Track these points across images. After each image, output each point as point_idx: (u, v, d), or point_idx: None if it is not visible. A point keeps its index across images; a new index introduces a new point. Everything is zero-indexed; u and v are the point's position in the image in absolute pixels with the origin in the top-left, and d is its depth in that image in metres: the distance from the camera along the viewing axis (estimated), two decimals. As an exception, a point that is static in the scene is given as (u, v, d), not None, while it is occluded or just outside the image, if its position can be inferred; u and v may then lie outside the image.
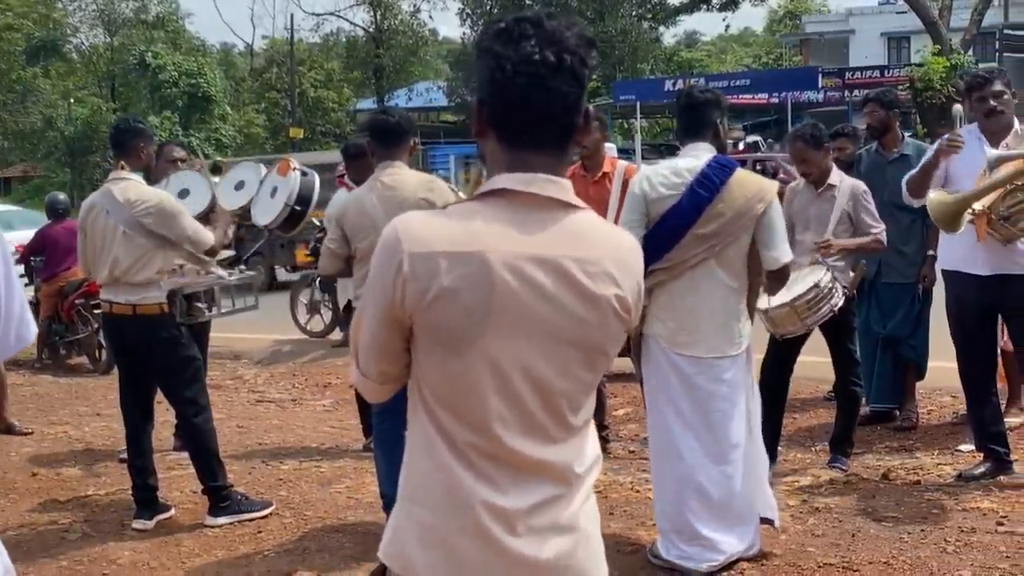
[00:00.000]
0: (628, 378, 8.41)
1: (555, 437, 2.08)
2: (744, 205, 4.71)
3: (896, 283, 6.99)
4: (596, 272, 2.05)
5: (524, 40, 1.99)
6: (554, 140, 2.06)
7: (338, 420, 8.46)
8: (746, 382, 4.93)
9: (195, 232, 5.79)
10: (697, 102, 4.91)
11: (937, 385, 7.63)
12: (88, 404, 9.27)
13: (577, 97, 2.03)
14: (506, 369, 2.02)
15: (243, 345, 11.57)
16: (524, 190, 2.03)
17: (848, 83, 37.94)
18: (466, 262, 1.99)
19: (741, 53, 70.74)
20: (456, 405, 2.05)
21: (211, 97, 48.99)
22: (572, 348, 2.05)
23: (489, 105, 2.06)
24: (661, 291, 4.82)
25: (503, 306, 2.00)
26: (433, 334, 2.04)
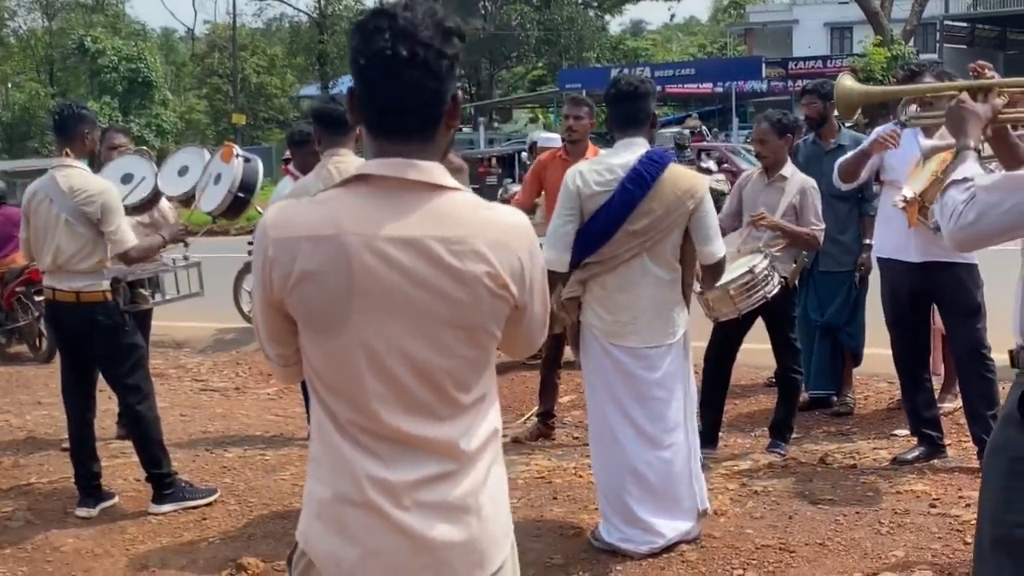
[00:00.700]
0: (572, 366, 8.48)
1: (439, 415, 2.13)
2: (675, 202, 4.77)
3: (833, 272, 7.12)
4: (462, 251, 2.08)
5: (378, 34, 2.04)
6: (415, 129, 2.11)
7: (282, 408, 8.45)
8: (683, 370, 5.00)
9: (119, 232, 5.70)
10: (637, 93, 4.86)
11: (874, 371, 7.78)
12: (29, 393, 9.18)
13: (435, 88, 2.08)
14: (377, 349, 2.08)
15: (185, 333, 11.49)
16: (385, 174, 2.09)
17: (791, 73, 38.43)
18: (324, 246, 2.06)
19: (686, 42, 71.17)
20: (335, 385, 2.13)
21: (151, 82, 48.41)
22: (447, 326, 2.10)
23: (356, 96, 2.13)
24: (595, 284, 4.89)
25: (365, 288, 2.06)
26: (303, 317, 2.12)
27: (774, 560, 4.81)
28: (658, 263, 4.83)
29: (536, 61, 57.59)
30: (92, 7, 53.59)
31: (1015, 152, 3.34)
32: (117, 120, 41.15)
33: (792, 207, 6.30)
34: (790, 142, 6.47)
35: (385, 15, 2.06)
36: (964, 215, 2.85)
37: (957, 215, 2.87)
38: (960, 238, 2.91)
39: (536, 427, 7.22)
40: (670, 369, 4.91)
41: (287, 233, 2.09)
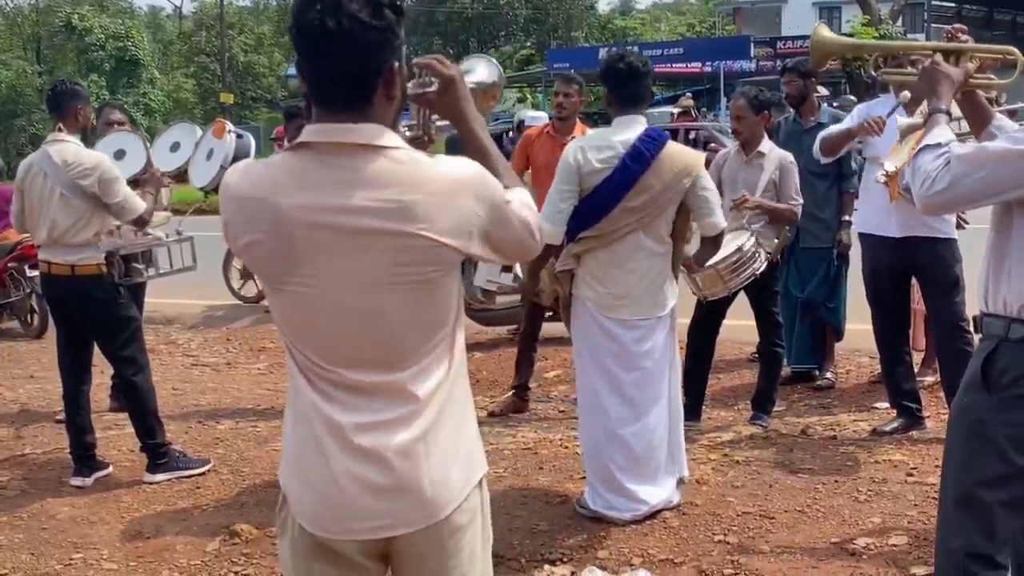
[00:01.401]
0: (559, 342, 8.60)
1: (389, 364, 2.23)
2: (673, 179, 4.88)
3: (813, 248, 7.22)
4: (396, 208, 2.14)
5: (311, 5, 2.12)
6: (348, 99, 2.18)
7: (273, 383, 8.54)
8: (670, 342, 5.13)
9: (127, 199, 5.80)
10: (639, 72, 4.95)
11: (855, 346, 7.89)
12: (21, 367, 9.27)
13: (363, 60, 2.15)
14: (324, 304, 2.20)
15: (176, 310, 11.56)
16: (320, 140, 2.18)
17: (780, 52, 38.40)
18: (264, 207, 2.18)
19: (675, 21, 71.00)
20: (290, 334, 2.27)
21: (139, 61, 48.23)
22: (387, 282, 2.18)
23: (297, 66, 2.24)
24: (590, 258, 4.99)
25: (306, 249, 2.17)
26: (258, 276, 2.31)
27: (754, 527, 4.94)
28: (652, 238, 4.95)
29: (524, 40, 57.57)
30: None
31: (983, 115, 3.44)
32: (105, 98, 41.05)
33: (772, 183, 6.41)
34: (767, 119, 6.57)
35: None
36: (937, 181, 2.95)
37: (931, 180, 2.96)
38: (932, 203, 3.01)
39: (511, 400, 7.31)
40: (658, 341, 5.03)
41: (237, 193, 2.23)
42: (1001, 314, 2.99)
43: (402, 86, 2.27)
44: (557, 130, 7.28)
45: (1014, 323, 2.95)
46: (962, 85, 3.31)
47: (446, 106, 2.44)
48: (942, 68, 3.29)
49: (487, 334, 9.44)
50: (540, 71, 39.17)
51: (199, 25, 56.83)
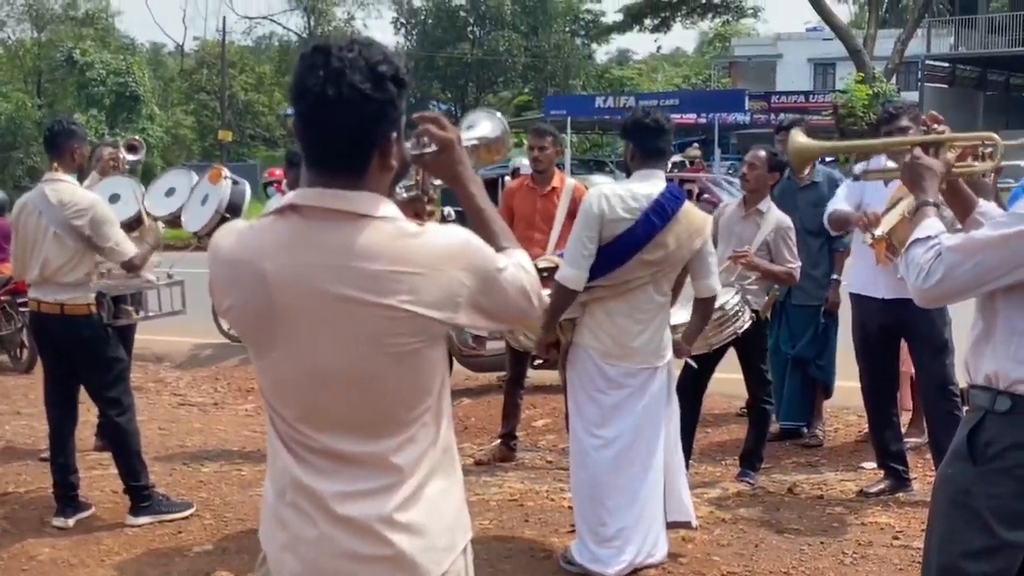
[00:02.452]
0: (548, 390, 8.59)
1: (371, 432, 2.20)
2: (688, 238, 4.94)
3: (805, 305, 7.25)
4: (378, 280, 2.12)
5: (313, 71, 2.12)
6: (342, 166, 2.16)
7: (259, 425, 8.50)
8: (667, 390, 5.15)
9: (119, 243, 5.82)
10: (663, 128, 5.01)
11: (844, 404, 7.90)
12: (8, 403, 9.22)
13: (361, 129, 2.14)
14: (305, 371, 2.18)
15: (164, 348, 11.54)
16: (311, 204, 2.17)
17: (774, 106, 38.63)
18: (247, 271, 2.17)
19: (671, 73, 71.49)
20: (271, 399, 2.26)
21: (139, 97, 48.40)
22: (369, 350, 2.16)
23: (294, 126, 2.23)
24: (598, 307, 4.98)
25: (287, 314, 2.15)
26: (241, 337, 2.28)
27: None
28: (658, 290, 4.99)
29: (522, 87, 57.95)
30: (82, 20, 53.54)
31: (966, 203, 3.47)
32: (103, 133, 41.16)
33: (766, 243, 6.44)
34: (776, 180, 6.63)
35: (323, 52, 2.13)
36: (931, 274, 2.96)
37: (924, 274, 2.97)
38: (927, 296, 3.03)
39: (498, 448, 7.28)
40: (656, 389, 5.05)
41: (223, 256, 2.22)
42: (987, 386, 3.00)
43: (400, 155, 2.25)
44: (536, 182, 7.33)
45: (1000, 395, 2.95)
46: (946, 176, 3.35)
47: (443, 168, 2.42)
48: (924, 162, 3.31)
49: (476, 380, 9.43)
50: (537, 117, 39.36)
51: (200, 63, 57.17)
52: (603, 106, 40.23)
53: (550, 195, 7.21)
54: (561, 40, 56.84)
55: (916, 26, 35.96)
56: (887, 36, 37.00)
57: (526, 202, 7.27)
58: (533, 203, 7.23)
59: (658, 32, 41.86)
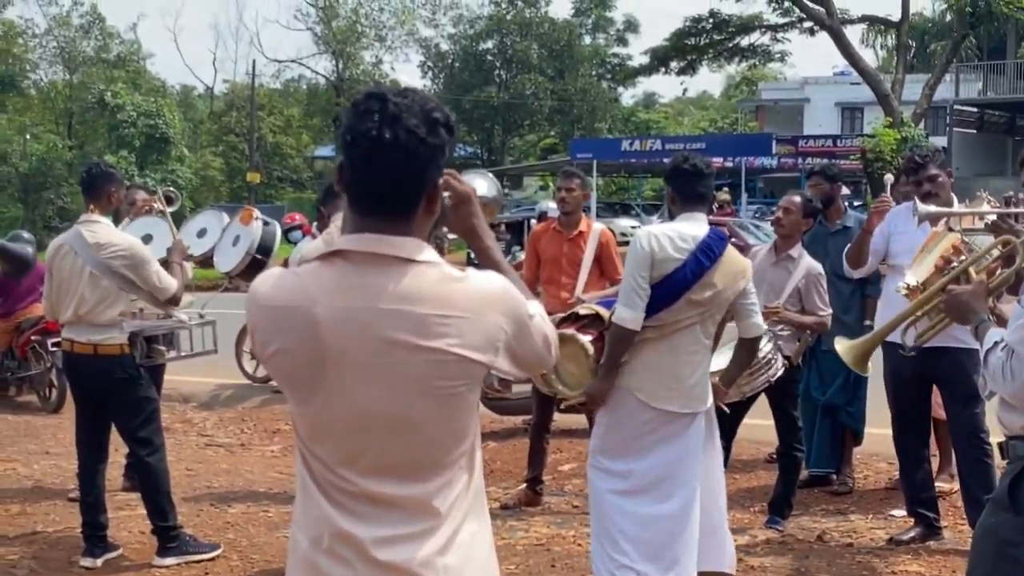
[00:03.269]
0: (574, 434, 8.57)
1: (411, 476, 2.22)
2: (733, 279, 4.93)
3: (836, 351, 7.20)
4: (427, 323, 2.16)
5: (367, 116, 2.15)
6: (391, 210, 2.20)
7: (286, 466, 8.51)
8: (710, 434, 5.11)
9: (160, 280, 5.90)
10: (703, 173, 5.04)
11: (873, 451, 7.84)
12: (37, 442, 9.26)
13: (414, 173, 2.18)
14: (349, 415, 2.19)
15: (190, 387, 11.58)
16: (357, 249, 2.19)
17: (801, 150, 38.71)
18: (296, 316, 2.18)
19: (698, 116, 71.74)
20: (310, 444, 2.25)
21: (169, 138, 48.84)
22: (416, 393, 2.18)
23: (342, 170, 2.25)
24: (646, 348, 4.91)
25: (337, 358, 2.17)
26: (280, 381, 2.27)
27: (768, 635, 4.87)
28: (705, 332, 4.96)
29: (548, 129, 58.20)
30: (114, 63, 54.13)
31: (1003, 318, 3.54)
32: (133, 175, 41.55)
33: (797, 290, 6.42)
34: (809, 226, 6.62)
35: (378, 98, 2.18)
36: (1014, 375, 3.04)
37: (1010, 376, 3.05)
38: (1020, 394, 3.09)
39: (524, 492, 7.26)
40: (700, 434, 4.99)
41: (267, 301, 2.22)
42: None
43: (442, 202, 2.29)
44: (563, 224, 7.33)
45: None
46: (985, 291, 3.50)
47: (459, 221, 2.45)
48: (962, 295, 3.46)
49: (502, 423, 9.42)
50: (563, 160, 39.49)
51: (230, 105, 57.65)
52: (629, 149, 40.40)
53: (577, 239, 7.22)
54: (587, 83, 57.07)
55: (944, 71, 35.93)
56: (915, 81, 36.99)
57: (553, 246, 7.28)
58: (560, 247, 7.24)
59: (684, 75, 41.90)
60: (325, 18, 54.78)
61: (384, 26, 55.99)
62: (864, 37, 50.47)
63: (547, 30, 56.41)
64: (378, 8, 55.65)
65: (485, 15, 57.54)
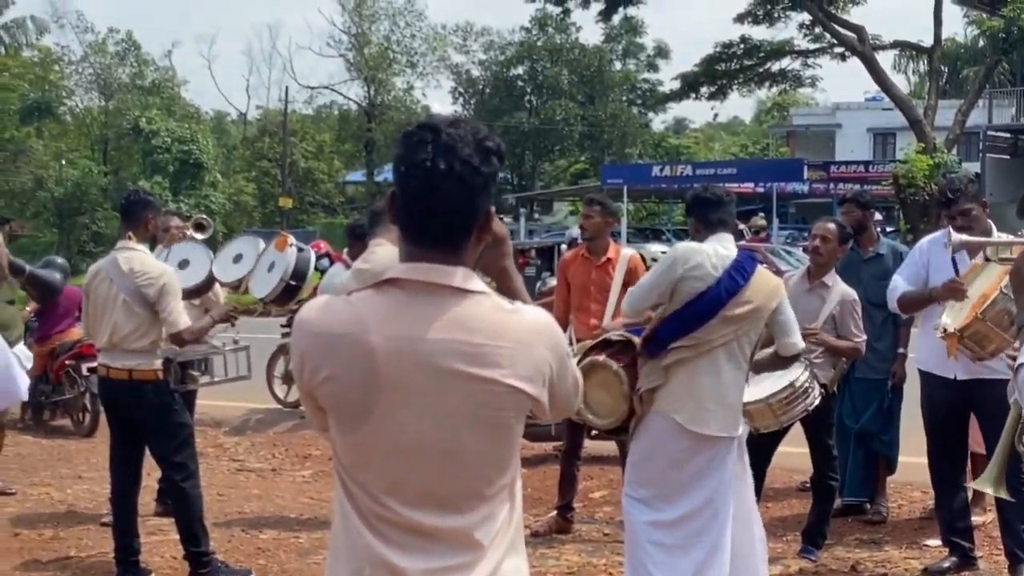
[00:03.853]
0: (605, 460, 8.54)
1: (457, 507, 2.22)
2: (766, 297, 4.93)
3: (869, 379, 7.17)
4: (480, 354, 2.18)
5: (421, 146, 2.18)
6: (444, 238, 2.21)
7: (317, 491, 8.54)
8: (742, 463, 5.09)
9: (173, 314, 5.92)
10: (722, 200, 5.11)
11: (908, 479, 7.77)
12: (71, 466, 9.33)
13: (468, 202, 2.21)
14: (398, 443, 2.19)
15: (220, 412, 11.62)
16: (411, 278, 2.20)
17: (833, 176, 38.54)
18: (351, 344, 2.18)
19: (728, 141, 71.64)
20: (355, 473, 2.24)
21: (202, 164, 49.26)
22: (465, 424, 2.20)
23: (395, 199, 2.26)
24: (682, 368, 4.88)
25: (389, 386, 2.17)
26: (330, 409, 2.25)
27: (802, 666, 4.82)
28: (741, 352, 4.93)
29: (579, 155, 58.29)
30: (148, 89, 54.71)
31: None
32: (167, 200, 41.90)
33: (832, 317, 6.40)
34: (843, 251, 6.61)
35: (431, 129, 2.20)
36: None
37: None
38: None
39: (555, 520, 7.23)
40: (733, 461, 4.97)
41: (318, 329, 2.22)
42: None
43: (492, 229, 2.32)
44: (591, 252, 7.34)
45: None
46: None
47: (494, 261, 2.47)
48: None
49: (532, 449, 9.39)
50: (593, 185, 39.50)
51: (262, 131, 58.13)
52: (660, 175, 40.33)
53: (605, 266, 7.22)
54: (618, 109, 57.16)
55: (977, 96, 35.71)
56: (948, 106, 36.76)
57: (581, 272, 7.29)
58: (588, 273, 7.24)
59: (714, 101, 41.91)
60: (357, 45, 55.21)
61: (415, 52, 56.41)
62: (896, 63, 50.30)
63: (577, 56, 56.59)
64: (410, 35, 56.08)
65: (516, 41, 57.81)
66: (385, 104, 55.76)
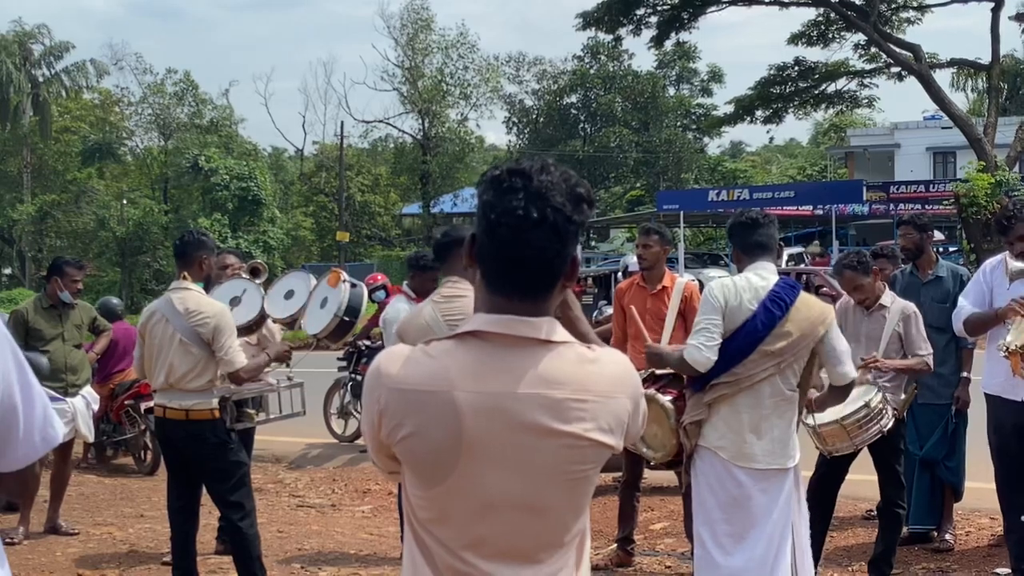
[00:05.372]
0: (666, 491, 8.45)
1: (536, 558, 2.17)
2: (809, 326, 4.85)
3: (932, 404, 7.04)
4: (566, 408, 2.12)
5: (512, 193, 2.10)
6: (531, 287, 2.15)
7: (376, 527, 8.53)
8: (795, 496, 5.00)
9: (230, 353, 5.95)
10: (759, 222, 5.04)
11: (975, 506, 7.61)
12: (133, 505, 9.40)
13: (557, 251, 2.13)
14: (480, 499, 2.13)
15: (280, 448, 11.66)
16: (496, 331, 2.13)
17: (893, 197, 38.09)
18: (435, 400, 2.11)
19: (786, 164, 71.16)
20: (433, 528, 2.17)
21: (261, 200, 49.80)
22: (549, 478, 2.14)
23: (479, 245, 2.18)
24: (723, 405, 4.87)
25: (472, 443, 2.10)
26: (409, 464, 2.17)
27: None
28: (786, 384, 4.86)
29: (634, 181, 58.19)
30: (207, 128, 55.50)
31: None
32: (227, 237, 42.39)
33: (897, 335, 6.30)
34: (879, 274, 6.49)
35: (522, 175, 2.12)
36: None
37: None
38: None
39: (616, 553, 7.16)
40: (785, 494, 4.90)
41: (400, 384, 2.14)
42: None
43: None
44: (646, 280, 7.31)
45: None
46: None
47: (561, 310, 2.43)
48: None
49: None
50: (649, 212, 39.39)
51: (319, 166, 58.61)
52: (716, 199, 40.09)
53: (660, 294, 7.18)
54: (672, 135, 56.98)
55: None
56: (1008, 124, 36.28)
57: (637, 301, 7.24)
58: (643, 302, 7.19)
59: (770, 124, 41.65)
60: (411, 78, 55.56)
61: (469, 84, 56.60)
62: (954, 81, 49.63)
63: (631, 83, 56.55)
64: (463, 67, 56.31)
65: (568, 70, 57.89)
66: (439, 136, 56.02)
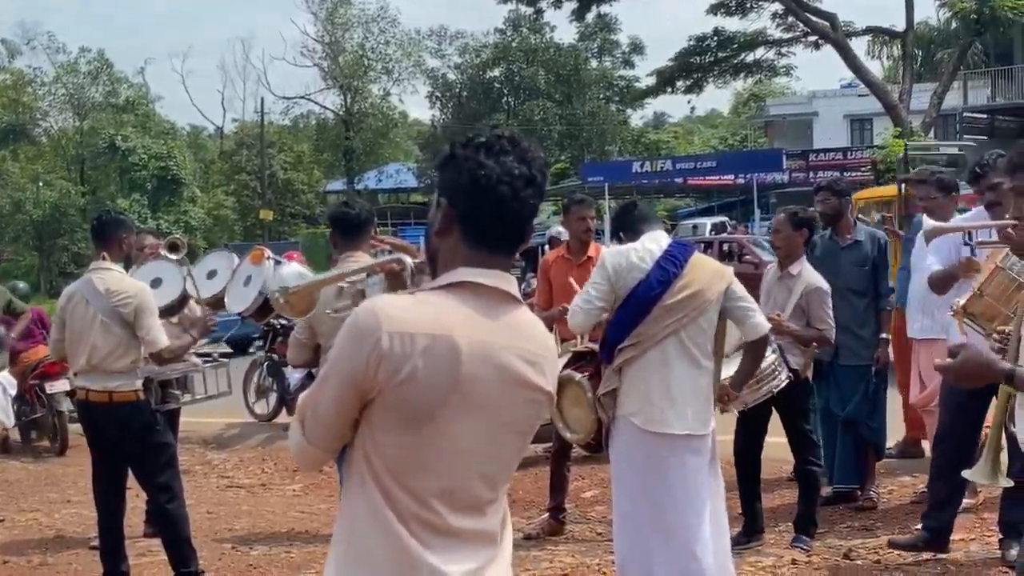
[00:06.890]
0: (595, 460, 8.51)
1: (486, 509, 2.30)
2: (707, 281, 4.92)
3: (853, 365, 7.16)
4: (534, 362, 2.30)
5: (504, 155, 2.25)
6: (511, 242, 2.31)
7: (307, 505, 8.49)
8: (714, 465, 5.05)
9: (152, 332, 5.85)
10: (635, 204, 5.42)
11: (897, 465, 7.77)
12: (58, 491, 9.26)
13: (535, 208, 2.30)
14: (454, 446, 2.23)
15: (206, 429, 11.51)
16: (486, 283, 2.25)
17: (812, 164, 38.68)
18: (439, 344, 2.19)
19: (708, 134, 71.79)
20: (405, 478, 2.23)
21: (180, 180, 49.14)
22: (509, 429, 2.30)
23: (461, 207, 2.26)
24: (631, 368, 4.91)
25: (465, 387, 2.21)
26: (395, 410, 2.21)
27: (798, 658, 4.81)
28: (695, 345, 4.90)
29: (559, 154, 58.27)
30: (123, 107, 54.48)
31: None
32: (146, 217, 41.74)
33: (799, 307, 6.39)
34: (805, 236, 6.58)
35: (507, 139, 2.28)
36: None
37: None
38: None
39: (547, 522, 7.20)
40: (704, 460, 4.95)
41: (404, 328, 2.18)
42: None
43: None
44: (571, 252, 7.36)
45: None
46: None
47: None
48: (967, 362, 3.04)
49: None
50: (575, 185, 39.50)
51: (239, 144, 57.91)
52: (640, 171, 40.41)
53: (586, 264, 7.21)
54: (596, 107, 57.20)
55: (952, 79, 35.79)
56: (923, 90, 36.84)
57: (563, 273, 7.28)
58: (568, 273, 7.22)
59: (691, 94, 41.97)
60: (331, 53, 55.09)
61: (391, 59, 56.28)
62: (870, 49, 50.28)
63: (553, 56, 56.60)
64: (384, 41, 55.94)
65: (491, 43, 57.77)
66: (362, 112, 55.64)
